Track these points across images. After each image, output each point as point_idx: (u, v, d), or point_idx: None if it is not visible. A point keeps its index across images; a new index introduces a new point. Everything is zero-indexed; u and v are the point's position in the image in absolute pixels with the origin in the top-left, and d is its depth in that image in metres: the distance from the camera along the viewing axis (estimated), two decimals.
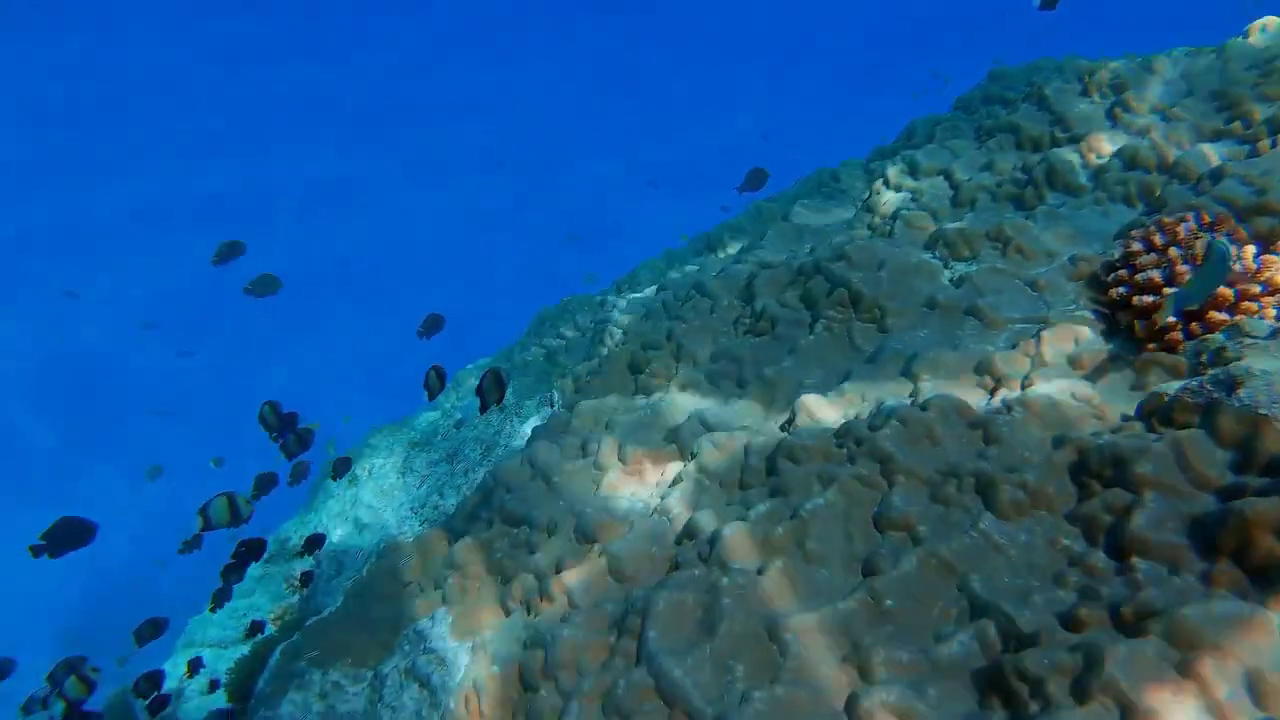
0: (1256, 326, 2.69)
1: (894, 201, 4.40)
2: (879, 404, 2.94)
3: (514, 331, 7.71)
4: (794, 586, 2.45)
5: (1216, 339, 2.72)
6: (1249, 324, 2.68)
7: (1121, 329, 3.10)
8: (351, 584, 3.20)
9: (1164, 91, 4.05)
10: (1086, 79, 4.27)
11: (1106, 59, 4.43)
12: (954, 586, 2.39)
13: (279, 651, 3.10)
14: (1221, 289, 2.81)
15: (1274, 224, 3.16)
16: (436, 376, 3.51)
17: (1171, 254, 2.99)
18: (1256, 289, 2.80)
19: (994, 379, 2.97)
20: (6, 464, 19.47)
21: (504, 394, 3.10)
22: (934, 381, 2.98)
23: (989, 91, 5.27)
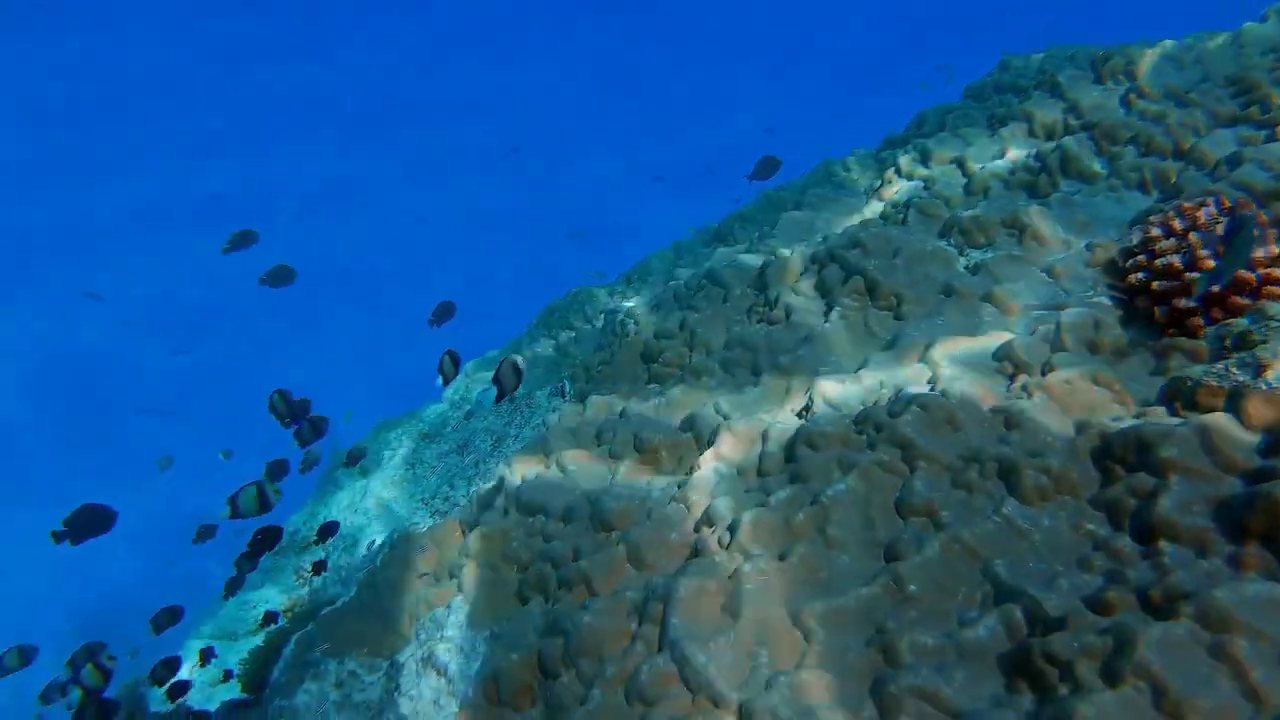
0: None
1: (906, 189, 4.37)
2: (898, 390, 2.91)
3: (515, 329, 7.67)
4: (816, 572, 2.42)
5: (1240, 323, 2.70)
6: (1273, 308, 2.66)
7: (1140, 315, 3.08)
8: (365, 574, 3.17)
9: (1179, 77, 4.02)
10: (1100, 66, 4.24)
11: (1120, 44, 4.40)
12: (978, 571, 2.37)
13: (294, 641, 3.08)
14: (1243, 272, 2.79)
15: None
16: (451, 361, 3.48)
17: (1192, 239, 2.96)
18: (1279, 273, 2.78)
19: (1014, 365, 2.94)
20: (6, 464, 19.42)
21: (520, 382, 3.08)
22: (953, 368, 2.95)
23: (1000, 80, 5.24)
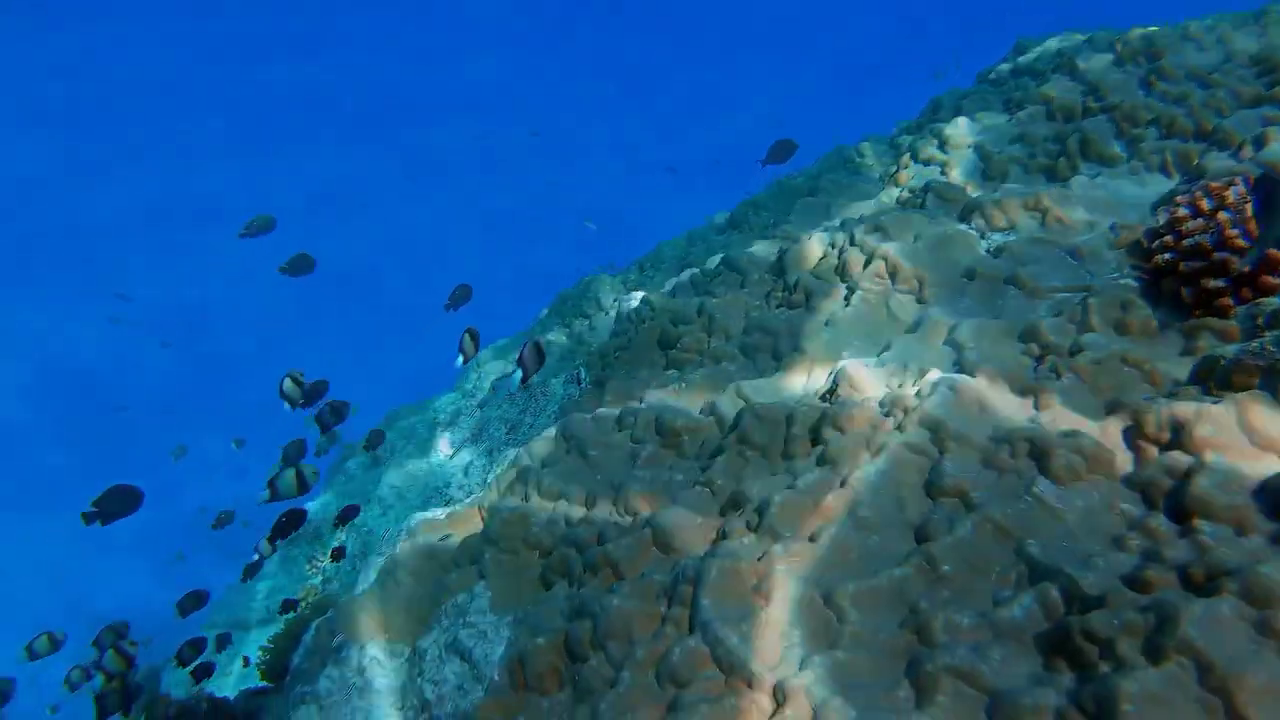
0: None
1: (923, 174, 4.34)
2: (923, 372, 2.88)
3: (516, 327, 7.64)
4: (848, 553, 2.39)
5: (1273, 302, 2.67)
6: None
7: (1166, 296, 3.05)
8: (385, 560, 3.14)
9: (1200, 58, 3.98)
10: (1119, 47, 4.21)
11: (1140, 26, 4.36)
12: (1011, 551, 2.33)
13: (314, 628, 3.05)
14: (1273, 251, 2.76)
15: None
16: (471, 339, 3.45)
17: (1221, 218, 2.93)
18: None
19: (1041, 346, 2.91)
20: (7, 463, 19.39)
21: (543, 363, 3.04)
22: (979, 349, 2.92)
23: (1016, 64, 5.21)
